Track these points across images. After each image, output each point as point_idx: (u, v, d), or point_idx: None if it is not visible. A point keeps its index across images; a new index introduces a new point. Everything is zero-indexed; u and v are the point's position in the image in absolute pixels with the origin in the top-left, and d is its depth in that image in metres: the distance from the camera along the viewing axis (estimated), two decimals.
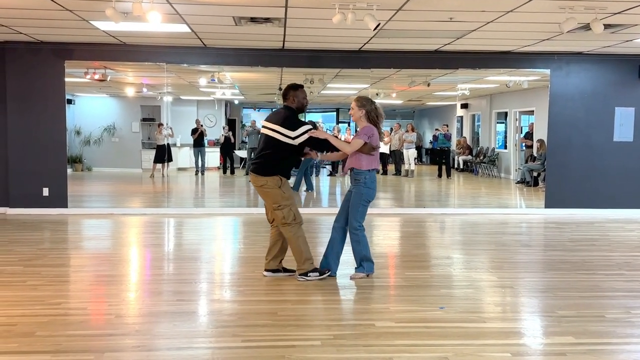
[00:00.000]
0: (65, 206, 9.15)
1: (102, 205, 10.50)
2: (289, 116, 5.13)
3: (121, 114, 14.57)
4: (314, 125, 5.26)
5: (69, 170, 10.10)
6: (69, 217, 8.87)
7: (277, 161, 5.10)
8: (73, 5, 6.35)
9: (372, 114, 5.15)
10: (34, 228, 7.95)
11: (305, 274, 5.15)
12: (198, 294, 4.95)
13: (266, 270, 5.32)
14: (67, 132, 9.50)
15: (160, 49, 9.11)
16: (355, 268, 5.28)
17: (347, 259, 5.36)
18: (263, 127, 5.22)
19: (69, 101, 10.43)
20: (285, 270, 5.34)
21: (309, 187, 11.64)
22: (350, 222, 5.17)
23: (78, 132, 13.60)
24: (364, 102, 5.17)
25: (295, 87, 5.25)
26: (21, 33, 8.13)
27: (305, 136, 5.03)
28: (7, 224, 8.20)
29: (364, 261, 5.24)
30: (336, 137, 6.41)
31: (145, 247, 7.09)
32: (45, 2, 6.19)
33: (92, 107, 14.31)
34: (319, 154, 5.36)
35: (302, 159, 5.44)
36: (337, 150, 5.18)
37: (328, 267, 5.28)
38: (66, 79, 9.06)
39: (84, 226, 8.42)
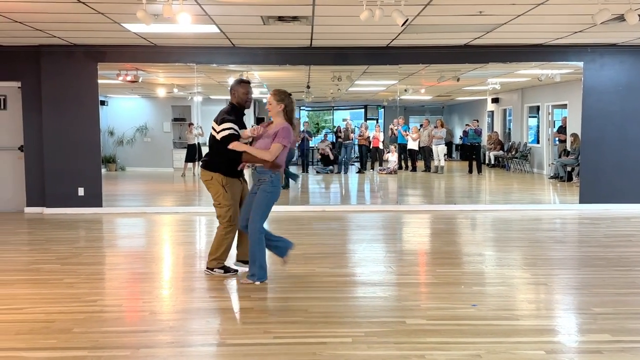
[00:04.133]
0: (100, 205, 9.35)
1: (136, 204, 10.66)
2: (222, 111, 5.16)
3: (153, 115, 14.76)
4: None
5: (103, 170, 10.29)
6: (104, 216, 9.05)
7: (218, 157, 5.11)
8: (105, 8, 6.47)
9: (289, 108, 4.99)
10: (69, 227, 8.14)
11: (212, 269, 5.27)
12: (230, 291, 5.00)
13: (238, 261, 5.36)
14: (101, 133, 9.71)
15: (190, 50, 9.22)
16: (248, 276, 5.02)
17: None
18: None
19: (102, 102, 10.61)
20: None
21: (294, 179, 11.93)
22: (253, 222, 4.87)
23: (111, 133, 13.83)
24: (283, 97, 4.97)
25: (237, 82, 5.21)
26: (55, 37, 8.32)
27: (225, 133, 4.98)
28: (44, 223, 8.41)
29: (258, 269, 4.97)
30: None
31: (178, 244, 7.19)
32: (79, 6, 6.32)
33: (125, 108, 14.53)
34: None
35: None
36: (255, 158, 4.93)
37: (283, 254, 5.16)
38: (99, 81, 9.25)
39: (118, 225, 8.58)
